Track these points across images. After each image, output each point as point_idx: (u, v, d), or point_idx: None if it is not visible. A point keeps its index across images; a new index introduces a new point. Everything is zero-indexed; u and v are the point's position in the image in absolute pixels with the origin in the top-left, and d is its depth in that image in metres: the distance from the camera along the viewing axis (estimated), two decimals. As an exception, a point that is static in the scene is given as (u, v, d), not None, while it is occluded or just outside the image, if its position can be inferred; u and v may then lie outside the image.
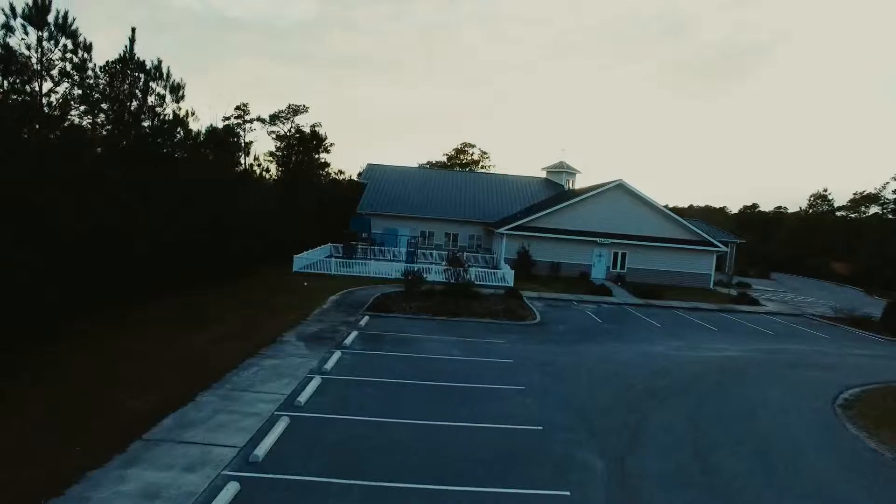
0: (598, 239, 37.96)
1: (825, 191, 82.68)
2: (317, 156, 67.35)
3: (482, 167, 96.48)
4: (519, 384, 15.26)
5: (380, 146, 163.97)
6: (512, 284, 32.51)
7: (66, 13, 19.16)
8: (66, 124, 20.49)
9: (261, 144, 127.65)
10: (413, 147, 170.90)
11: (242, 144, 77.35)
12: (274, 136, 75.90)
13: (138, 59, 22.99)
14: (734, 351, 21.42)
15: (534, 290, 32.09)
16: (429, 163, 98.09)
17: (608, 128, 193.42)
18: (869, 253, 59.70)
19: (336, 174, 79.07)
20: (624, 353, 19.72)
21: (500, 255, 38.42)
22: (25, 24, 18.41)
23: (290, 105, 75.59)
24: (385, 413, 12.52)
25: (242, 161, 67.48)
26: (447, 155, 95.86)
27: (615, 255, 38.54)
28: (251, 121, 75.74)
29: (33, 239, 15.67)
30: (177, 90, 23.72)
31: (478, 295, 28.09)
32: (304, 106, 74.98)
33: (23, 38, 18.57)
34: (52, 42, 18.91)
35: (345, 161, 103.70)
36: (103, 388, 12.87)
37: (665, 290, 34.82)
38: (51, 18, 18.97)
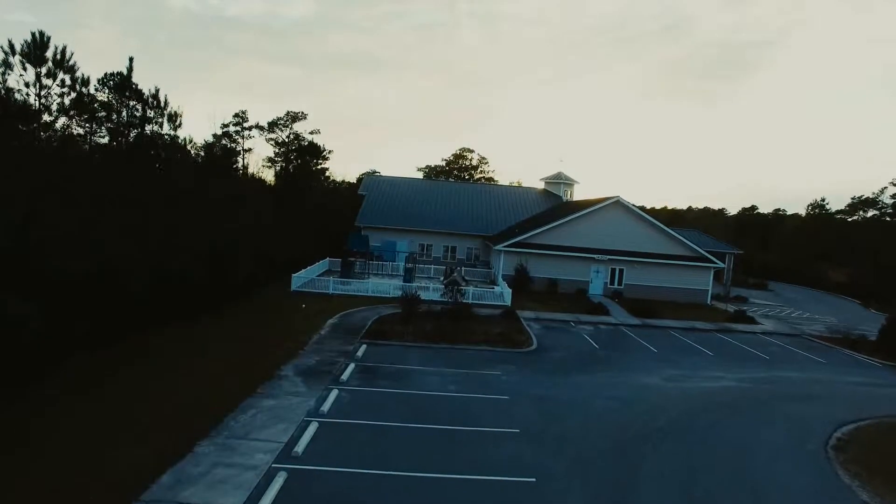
0: (595, 255, 38.12)
1: (822, 200, 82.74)
2: (315, 166, 67.45)
3: (481, 172, 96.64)
4: (514, 426, 15.36)
5: (379, 147, 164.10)
6: (509, 303, 32.63)
7: (63, 48, 19.26)
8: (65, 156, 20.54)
9: (260, 150, 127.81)
10: (412, 149, 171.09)
11: (241, 151, 77.52)
12: (273, 142, 76.18)
13: (136, 87, 22.96)
14: (729, 380, 21.56)
15: (531, 308, 32.22)
16: (427, 167, 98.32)
17: (606, 129, 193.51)
18: (866, 264, 59.95)
19: (337, 184, 79.35)
20: (620, 385, 19.83)
21: (499, 271, 38.56)
22: (24, 61, 18.42)
23: (288, 112, 75.75)
24: (381, 464, 12.61)
25: (241, 169, 67.71)
26: (446, 160, 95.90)
27: (612, 271, 38.70)
28: (250, 128, 75.98)
29: (28, 283, 15.74)
30: (174, 119, 23.80)
31: (475, 316, 28.23)
32: (302, 113, 75.17)
33: (21, 75, 18.65)
34: (51, 78, 18.92)
35: (344, 160, 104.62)
36: (102, 439, 12.91)
37: (662, 306, 34.98)
38: (48, 54, 18.98)
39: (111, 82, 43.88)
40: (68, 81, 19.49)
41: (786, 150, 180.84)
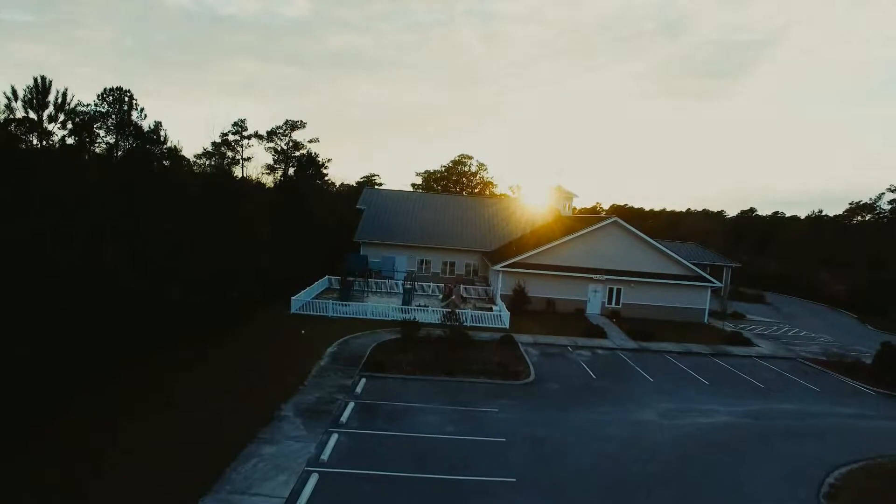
0: (592, 275, 38.37)
1: (820, 212, 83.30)
2: (315, 173, 67.66)
3: (479, 178, 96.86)
4: (510, 475, 15.61)
5: (378, 148, 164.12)
6: (508, 326, 32.91)
7: (65, 91, 19.43)
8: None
9: (259, 157, 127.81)
10: (411, 150, 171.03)
11: (240, 160, 77.79)
12: (272, 151, 76.50)
13: (137, 123, 23.15)
14: (723, 415, 21.82)
15: (529, 331, 32.46)
16: (426, 172, 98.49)
17: (605, 129, 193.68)
18: (864, 273, 60.26)
19: (337, 188, 79.64)
20: (615, 423, 20.07)
21: (497, 290, 38.81)
22: (27, 107, 18.59)
23: (287, 121, 76.21)
24: (380, 523, 12.88)
25: (240, 177, 67.86)
26: (445, 167, 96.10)
27: (610, 290, 38.95)
28: (249, 137, 76.37)
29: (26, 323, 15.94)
30: (175, 153, 23.98)
31: (474, 342, 28.43)
32: (301, 121, 75.59)
33: (24, 116, 18.83)
34: (53, 122, 19.11)
35: (344, 161, 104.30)
36: (104, 497, 13.12)
37: (659, 326, 35.26)
38: (49, 98, 19.13)
39: (110, 97, 44.16)
40: (70, 125, 19.59)
41: (785, 151, 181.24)
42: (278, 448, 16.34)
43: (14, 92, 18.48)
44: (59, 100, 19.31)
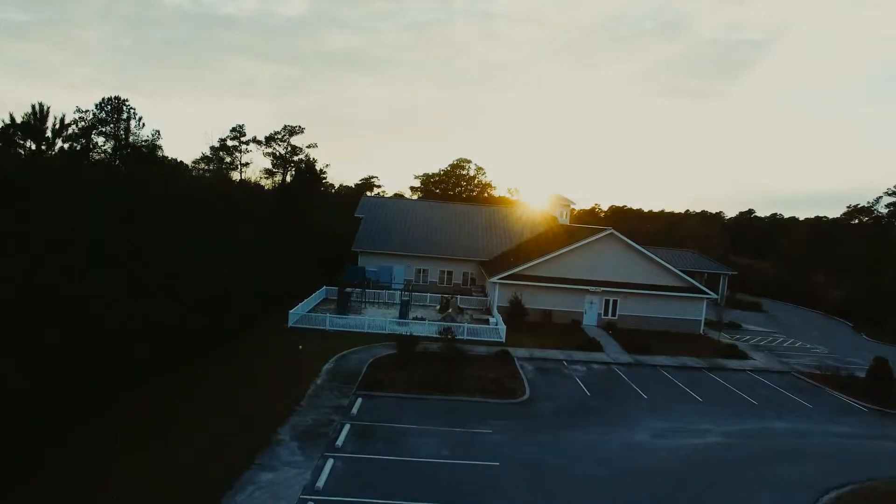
0: (589, 287, 38.57)
1: (819, 217, 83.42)
2: (314, 179, 67.81)
3: (478, 182, 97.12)
4: (502, 501, 15.84)
5: (378, 148, 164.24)
6: (504, 339, 33.11)
7: (62, 117, 19.56)
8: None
9: (258, 161, 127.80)
10: (410, 149, 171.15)
11: (238, 166, 77.95)
12: (271, 156, 76.70)
13: (134, 142, 23.28)
14: (716, 435, 22.03)
15: (525, 345, 32.66)
16: (425, 174, 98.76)
17: (603, 130, 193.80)
18: (861, 279, 60.57)
19: (336, 190, 79.84)
20: (609, 445, 20.27)
21: (494, 302, 39.01)
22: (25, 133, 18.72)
23: (285, 126, 76.44)
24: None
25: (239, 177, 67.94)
26: (443, 171, 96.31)
27: (606, 301, 39.17)
28: (247, 142, 76.58)
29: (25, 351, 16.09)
30: (176, 171, 24.09)
31: (470, 358, 28.60)
32: (299, 126, 75.82)
33: (22, 144, 18.98)
34: (51, 149, 19.28)
35: (343, 161, 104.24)
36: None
37: (655, 338, 35.46)
38: (47, 124, 19.27)
39: (108, 106, 44.17)
40: (66, 149, 19.75)
41: (784, 151, 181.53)
42: (275, 475, 16.50)
43: (13, 120, 18.73)
44: (57, 125, 19.54)
